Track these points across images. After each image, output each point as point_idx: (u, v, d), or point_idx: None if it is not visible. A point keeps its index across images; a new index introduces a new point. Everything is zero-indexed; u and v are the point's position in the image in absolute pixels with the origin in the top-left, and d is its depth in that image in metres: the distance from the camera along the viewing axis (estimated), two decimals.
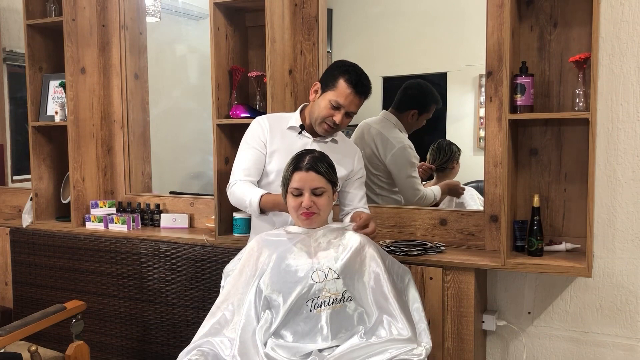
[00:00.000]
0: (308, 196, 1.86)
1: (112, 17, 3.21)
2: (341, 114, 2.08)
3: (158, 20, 3.56)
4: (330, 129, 2.12)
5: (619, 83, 2.24)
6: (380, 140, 2.86)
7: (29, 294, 3.16)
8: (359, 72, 2.09)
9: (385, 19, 3.09)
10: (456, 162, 2.89)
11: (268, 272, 1.84)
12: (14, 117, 3.75)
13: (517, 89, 2.17)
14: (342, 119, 2.09)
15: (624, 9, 2.21)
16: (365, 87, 2.08)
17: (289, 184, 1.88)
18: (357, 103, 2.09)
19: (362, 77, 2.08)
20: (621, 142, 2.25)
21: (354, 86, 2.05)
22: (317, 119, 2.12)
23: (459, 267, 2.25)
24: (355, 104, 2.09)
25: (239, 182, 2.18)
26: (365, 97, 2.10)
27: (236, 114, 2.66)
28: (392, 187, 2.86)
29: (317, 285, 1.80)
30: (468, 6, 2.79)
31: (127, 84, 3.23)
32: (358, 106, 2.11)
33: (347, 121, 2.13)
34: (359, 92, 2.07)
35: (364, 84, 2.08)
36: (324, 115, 2.10)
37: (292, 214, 1.93)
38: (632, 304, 2.29)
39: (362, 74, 2.09)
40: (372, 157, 2.86)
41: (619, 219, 2.27)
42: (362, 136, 2.92)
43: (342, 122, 2.10)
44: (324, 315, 1.79)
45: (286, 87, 2.70)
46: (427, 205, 2.76)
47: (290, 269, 1.83)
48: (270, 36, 2.54)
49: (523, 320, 2.47)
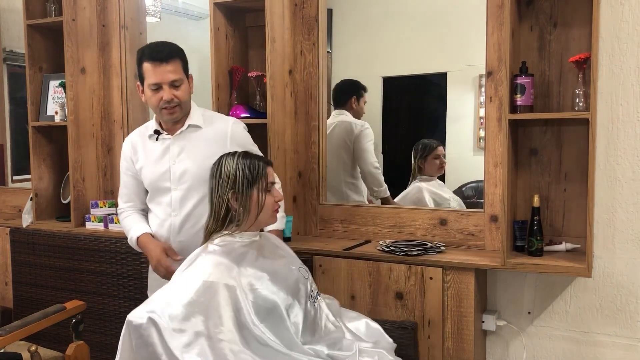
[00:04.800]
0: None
1: (112, 17, 3.21)
2: (165, 90, 2.01)
3: (158, 20, 3.55)
4: (170, 110, 2.04)
5: (619, 83, 2.24)
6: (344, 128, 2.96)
7: (29, 294, 3.16)
8: (152, 45, 2.06)
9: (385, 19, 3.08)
10: (435, 157, 2.89)
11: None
12: (14, 117, 3.74)
13: (517, 89, 2.17)
14: (170, 93, 2.01)
15: (624, 9, 2.21)
16: (161, 51, 2.01)
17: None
18: (169, 69, 2.00)
19: (156, 45, 2.04)
20: (621, 142, 2.25)
21: (152, 59, 2.00)
22: (156, 111, 2.08)
23: (459, 267, 2.25)
24: (168, 71, 2.00)
25: (125, 212, 2.22)
26: (171, 58, 2.01)
27: (236, 114, 2.66)
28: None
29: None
30: (468, 6, 2.78)
31: (127, 84, 3.23)
32: (175, 71, 2.02)
33: (181, 93, 2.04)
34: (159, 59, 1.99)
35: (159, 50, 2.01)
36: (155, 102, 2.04)
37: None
38: (632, 304, 2.29)
39: (155, 44, 2.05)
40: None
41: (619, 219, 2.27)
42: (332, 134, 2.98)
43: (174, 96, 2.02)
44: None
45: (286, 87, 2.70)
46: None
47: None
48: (270, 36, 2.54)
49: (523, 320, 2.47)
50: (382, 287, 2.35)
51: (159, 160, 2.12)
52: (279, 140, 2.64)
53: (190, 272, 1.70)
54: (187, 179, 2.09)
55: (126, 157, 2.19)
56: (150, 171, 2.13)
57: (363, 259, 2.40)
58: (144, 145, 2.16)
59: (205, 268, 1.68)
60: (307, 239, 2.73)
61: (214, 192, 1.82)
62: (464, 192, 2.89)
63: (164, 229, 2.14)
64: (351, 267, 2.41)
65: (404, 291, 2.32)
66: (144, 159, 2.15)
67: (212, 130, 2.13)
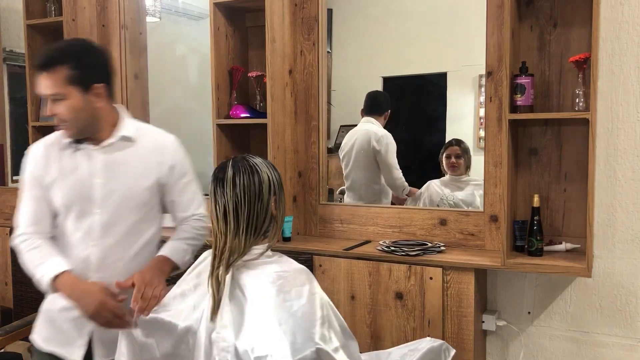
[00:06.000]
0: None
1: (112, 17, 3.21)
2: (48, 105, 1.68)
3: (158, 20, 3.56)
4: (60, 128, 1.72)
5: (619, 83, 2.24)
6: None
7: (29, 294, 3.15)
8: (42, 50, 1.71)
9: (385, 19, 3.09)
10: (447, 155, 2.91)
11: None
12: (14, 117, 3.74)
13: (517, 89, 2.16)
14: (52, 109, 1.67)
15: (624, 9, 2.21)
16: (44, 55, 1.65)
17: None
18: (48, 84, 1.63)
19: (46, 48, 1.71)
20: (621, 142, 2.25)
21: (34, 65, 1.72)
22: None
23: (459, 267, 2.25)
24: (46, 85, 1.64)
25: (27, 240, 1.74)
26: (51, 66, 1.62)
27: (236, 114, 2.66)
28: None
29: None
30: (468, 6, 2.78)
31: (127, 84, 3.23)
32: (50, 85, 1.63)
33: (62, 110, 1.66)
34: (38, 66, 1.64)
35: (43, 54, 1.67)
36: (47, 116, 1.71)
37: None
38: (632, 304, 2.29)
39: (48, 46, 1.72)
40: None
41: (619, 219, 2.27)
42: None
43: (55, 113, 1.67)
44: None
45: (286, 87, 2.70)
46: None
47: None
48: (270, 36, 2.54)
49: (523, 320, 2.46)
50: (382, 287, 2.35)
51: (78, 175, 1.73)
52: (279, 140, 2.64)
53: (302, 293, 1.52)
54: (115, 201, 1.73)
55: (31, 169, 1.78)
56: (65, 187, 1.73)
57: (363, 259, 2.40)
58: (58, 156, 1.77)
59: (313, 284, 1.57)
60: (307, 239, 2.73)
61: (249, 202, 1.55)
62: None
63: (76, 263, 1.72)
64: (351, 267, 2.41)
65: (404, 291, 2.32)
66: (57, 172, 1.74)
67: (147, 145, 1.79)
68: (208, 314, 1.50)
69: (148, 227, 1.82)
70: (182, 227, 1.87)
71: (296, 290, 1.52)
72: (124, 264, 1.76)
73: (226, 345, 1.46)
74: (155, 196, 1.81)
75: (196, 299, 1.57)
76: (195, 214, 1.87)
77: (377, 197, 3.01)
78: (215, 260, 1.54)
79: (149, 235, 1.83)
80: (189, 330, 1.53)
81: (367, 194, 3.04)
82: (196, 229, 1.87)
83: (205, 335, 1.49)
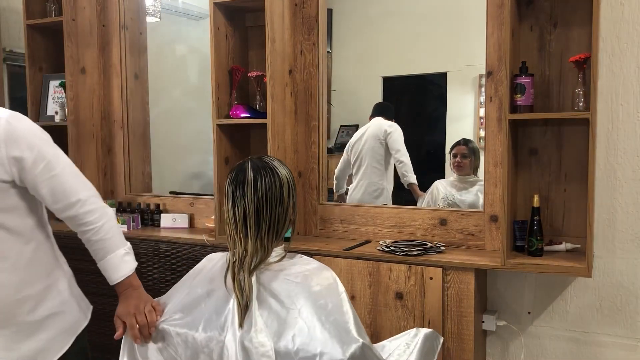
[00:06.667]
0: None
1: (112, 17, 3.21)
2: None
3: (158, 20, 3.55)
4: None
5: (619, 83, 2.24)
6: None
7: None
8: None
9: (385, 19, 3.09)
10: (453, 155, 2.93)
11: None
12: None
13: (517, 89, 2.16)
14: None
15: (624, 9, 2.21)
16: None
17: None
18: None
19: None
20: (621, 142, 2.25)
21: None
22: None
23: (459, 267, 2.25)
24: None
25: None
26: None
27: (236, 114, 2.66)
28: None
29: None
30: (468, 6, 2.78)
31: (127, 84, 3.23)
32: None
33: None
34: None
35: None
36: None
37: None
38: (632, 304, 2.29)
39: None
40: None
41: (619, 219, 2.27)
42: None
43: None
44: None
45: (286, 87, 2.70)
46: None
47: None
48: (270, 36, 2.54)
49: (523, 320, 2.47)
50: (382, 287, 2.35)
51: None
52: (279, 140, 2.64)
53: (332, 291, 1.52)
54: None
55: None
56: None
57: (363, 259, 2.40)
58: None
59: (337, 280, 1.57)
60: (307, 239, 2.73)
61: (271, 206, 1.52)
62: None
63: None
64: (351, 267, 2.41)
65: (404, 291, 2.32)
66: None
67: None
68: (236, 320, 1.47)
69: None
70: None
71: (326, 288, 1.51)
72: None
73: (265, 350, 1.43)
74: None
75: (216, 306, 1.53)
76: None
77: (379, 192, 3.07)
78: (236, 265, 1.50)
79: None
80: (210, 339, 1.49)
81: (370, 188, 3.10)
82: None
83: (236, 342, 1.46)
